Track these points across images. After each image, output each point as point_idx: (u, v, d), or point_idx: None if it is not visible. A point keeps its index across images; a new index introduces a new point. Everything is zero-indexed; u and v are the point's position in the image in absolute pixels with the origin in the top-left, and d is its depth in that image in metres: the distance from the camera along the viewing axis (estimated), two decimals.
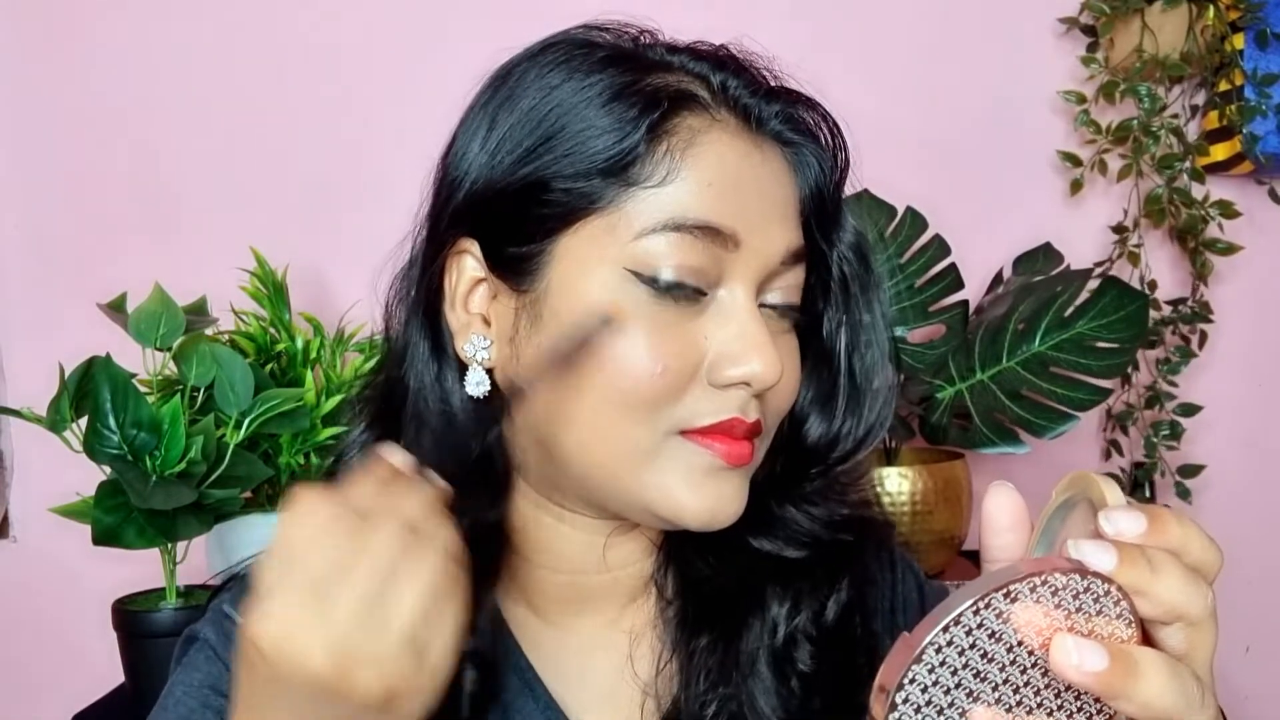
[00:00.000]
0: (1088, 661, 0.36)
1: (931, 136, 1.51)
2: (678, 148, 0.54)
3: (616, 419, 0.54)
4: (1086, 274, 1.35)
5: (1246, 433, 1.56)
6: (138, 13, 1.49)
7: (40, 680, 1.51)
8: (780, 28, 1.53)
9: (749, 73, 0.59)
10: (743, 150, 0.56)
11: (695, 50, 0.59)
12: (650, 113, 0.54)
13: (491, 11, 1.48)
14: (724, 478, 0.56)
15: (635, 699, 0.61)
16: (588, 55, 0.57)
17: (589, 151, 0.54)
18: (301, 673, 0.43)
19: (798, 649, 0.60)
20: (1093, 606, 0.38)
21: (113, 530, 1.01)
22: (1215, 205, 1.45)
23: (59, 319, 1.46)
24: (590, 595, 0.63)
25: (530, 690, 0.60)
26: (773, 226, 0.56)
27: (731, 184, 0.55)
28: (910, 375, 1.38)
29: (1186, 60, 1.43)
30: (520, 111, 0.56)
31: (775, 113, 0.58)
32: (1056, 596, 0.37)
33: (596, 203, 0.54)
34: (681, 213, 0.54)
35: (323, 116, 1.50)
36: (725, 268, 0.55)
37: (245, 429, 1.09)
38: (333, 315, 1.30)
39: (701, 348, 0.55)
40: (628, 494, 0.56)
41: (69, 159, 1.50)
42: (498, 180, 0.56)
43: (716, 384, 0.54)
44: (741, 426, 0.55)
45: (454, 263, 0.59)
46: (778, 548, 0.62)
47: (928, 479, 1.28)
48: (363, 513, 0.45)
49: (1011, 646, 0.38)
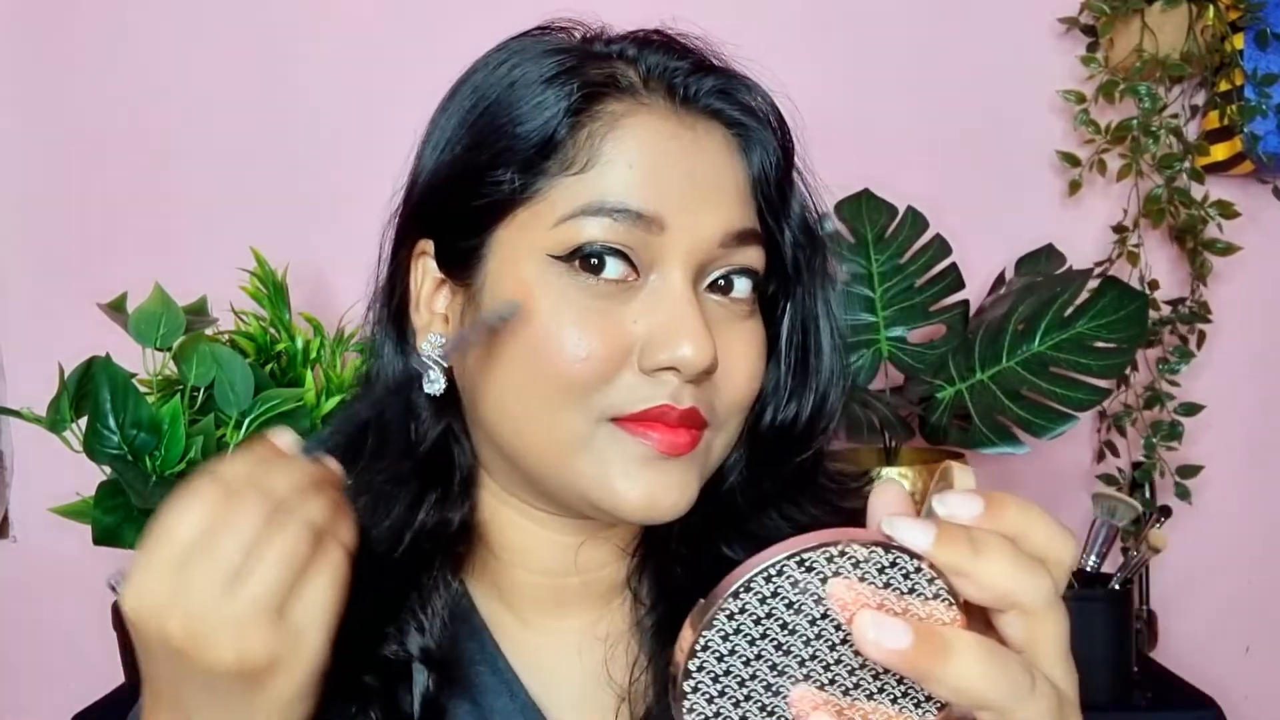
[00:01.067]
0: (887, 638, 0.35)
1: (932, 136, 1.51)
2: (599, 133, 0.54)
3: (546, 405, 0.54)
4: (1086, 274, 1.35)
5: (1246, 433, 1.56)
6: (138, 14, 1.49)
7: (40, 680, 1.51)
8: (780, 28, 1.53)
9: (679, 50, 0.58)
10: (670, 132, 0.55)
11: (631, 36, 0.59)
12: (570, 99, 0.54)
13: (492, 12, 1.48)
14: (662, 468, 0.54)
15: (611, 704, 0.61)
16: (529, 51, 0.57)
17: (516, 140, 0.55)
18: (159, 639, 0.44)
19: None
20: (903, 584, 0.36)
21: (113, 530, 1.01)
22: (1214, 205, 1.46)
23: (59, 319, 1.46)
24: (565, 598, 0.63)
25: (509, 689, 0.61)
26: (705, 208, 0.55)
27: (655, 166, 0.54)
28: (910, 375, 1.38)
29: (1186, 60, 1.43)
30: (462, 110, 0.58)
31: (708, 89, 0.57)
32: (859, 569, 0.36)
33: (524, 193, 0.55)
34: (600, 197, 0.53)
35: (323, 116, 1.50)
36: (654, 252, 0.54)
37: (245, 429, 1.09)
38: (333, 315, 1.30)
39: (630, 333, 0.54)
40: (564, 481, 0.55)
41: (69, 159, 1.50)
42: (440, 176, 0.58)
43: (646, 369, 0.53)
44: (673, 413, 0.53)
45: (417, 265, 0.60)
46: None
47: (928, 479, 1.28)
48: (231, 488, 0.45)
49: (815, 619, 0.36)
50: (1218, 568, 1.55)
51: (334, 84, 1.50)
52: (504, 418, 0.56)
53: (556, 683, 0.62)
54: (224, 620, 0.44)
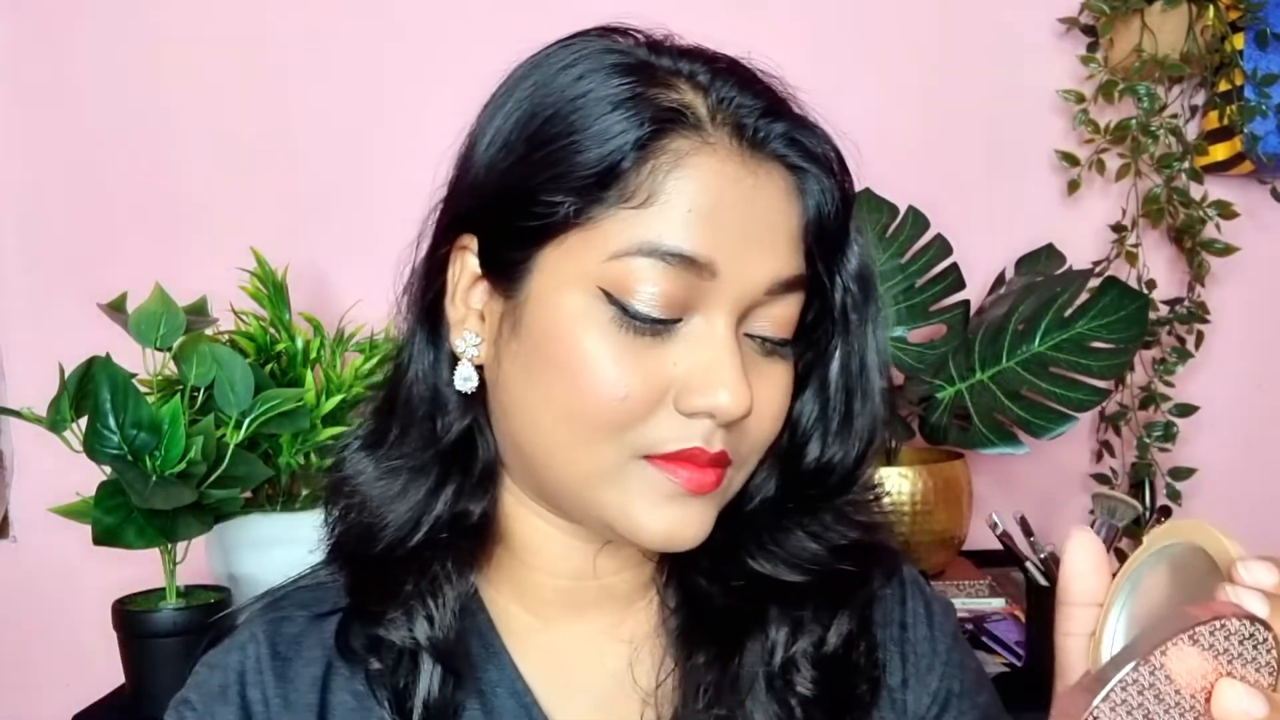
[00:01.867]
0: (1253, 708, 0.38)
1: (932, 136, 1.51)
2: (662, 168, 0.53)
3: (580, 437, 0.54)
4: (1087, 274, 1.35)
5: (1242, 434, 1.56)
6: (138, 14, 1.49)
7: (40, 680, 1.51)
8: (779, 28, 1.53)
9: (754, 89, 0.57)
10: (732, 175, 0.54)
11: (704, 59, 0.57)
12: (639, 130, 0.53)
13: (492, 14, 1.48)
14: (685, 503, 0.55)
15: (634, 708, 0.60)
16: (597, 61, 0.56)
17: (576, 164, 0.53)
18: None
19: (798, 673, 0.60)
20: (1244, 652, 0.39)
21: (113, 530, 1.01)
22: (1213, 205, 1.46)
23: (59, 319, 1.46)
24: (585, 601, 0.62)
25: (514, 691, 0.60)
26: (757, 255, 0.55)
27: (714, 211, 0.53)
28: (910, 375, 1.38)
29: (1186, 60, 1.43)
30: (521, 114, 0.56)
31: (777, 134, 0.56)
32: (1226, 641, 0.39)
33: (578, 218, 0.53)
34: (658, 238, 0.52)
35: (323, 117, 1.50)
36: (701, 295, 0.54)
37: (245, 429, 1.09)
38: (333, 315, 1.30)
39: (669, 374, 0.54)
40: (587, 507, 0.56)
41: (69, 159, 1.50)
42: (494, 183, 0.56)
43: (682, 411, 0.54)
44: (704, 456, 0.54)
45: (458, 257, 0.59)
46: (777, 570, 0.61)
47: (927, 479, 1.28)
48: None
49: (1179, 689, 0.39)
50: None
51: (334, 84, 1.50)
52: (535, 438, 0.56)
53: (578, 685, 0.62)
54: None
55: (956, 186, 1.49)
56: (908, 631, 0.66)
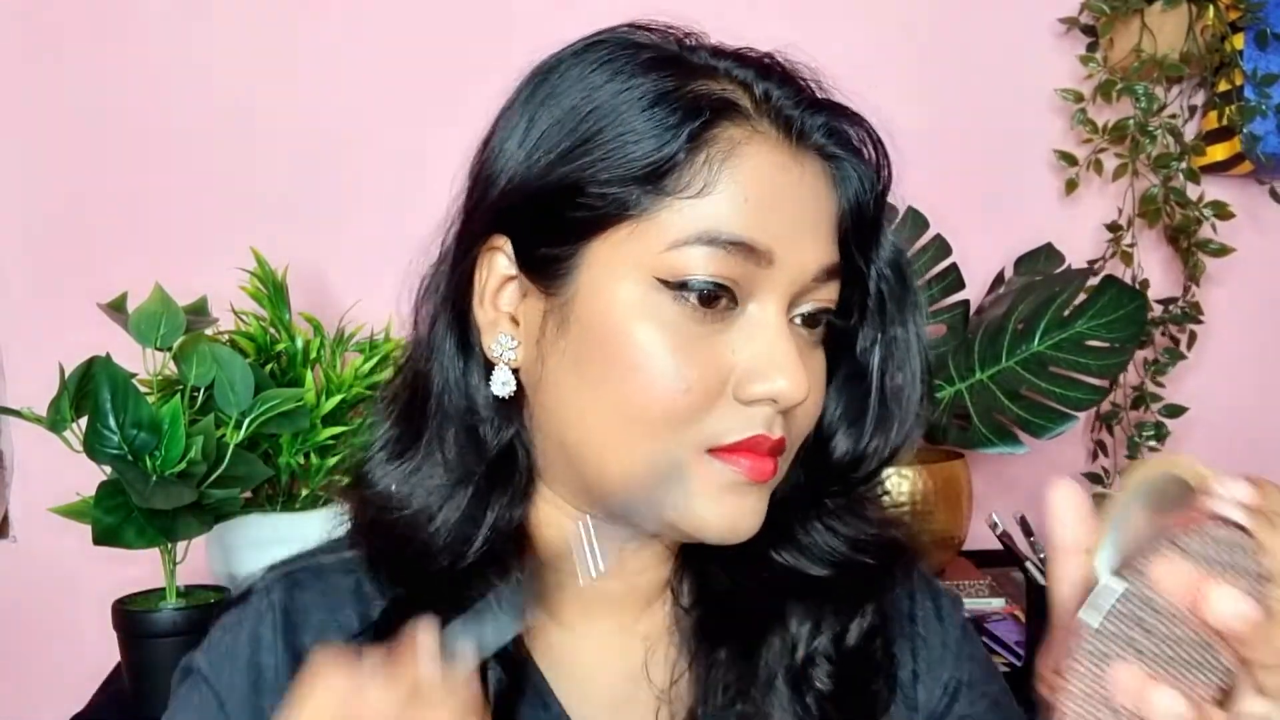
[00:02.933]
0: (1245, 609, 0.38)
1: (932, 136, 1.51)
2: (716, 158, 0.53)
3: (638, 435, 0.53)
4: (1086, 274, 1.35)
5: (1237, 434, 1.56)
6: (138, 14, 1.49)
7: (40, 680, 1.51)
8: (778, 27, 1.53)
9: (794, 83, 0.57)
10: (781, 163, 0.55)
11: (741, 56, 0.58)
12: (691, 121, 0.53)
13: (491, 15, 1.48)
14: (746, 492, 0.55)
15: (650, 705, 0.60)
16: (631, 57, 0.56)
17: (627, 157, 0.53)
18: None
19: (816, 668, 0.60)
20: (1230, 559, 0.40)
21: (113, 530, 1.01)
22: (1210, 206, 1.45)
23: (59, 319, 1.46)
24: (606, 600, 0.62)
25: (541, 699, 0.60)
26: (807, 242, 0.55)
27: (768, 198, 0.54)
28: None
29: (1186, 60, 1.43)
30: (560, 111, 0.55)
31: (818, 125, 0.56)
32: (1208, 548, 0.40)
33: (631, 209, 0.53)
34: (716, 226, 0.52)
35: (323, 117, 1.50)
36: (757, 283, 0.54)
37: (245, 429, 1.09)
38: (333, 315, 1.30)
39: (729, 362, 0.54)
40: (644, 506, 0.55)
41: (69, 159, 1.50)
42: (533, 180, 0.55)
43: (742, 400, 0.54)
44: (767, 443, 0.54)
45: (485, 259, 0.58)
46: (800, 563, 0.61)
47: (927, 479, 1.28)
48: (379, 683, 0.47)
49: (1172, 602, 0.40)
50: None
51: (335, 84, 1.50)
52: (587, 438, 0.55)
53: (594, 684, 0.61)
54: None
55: (956, 186, 1.49)
56: (917, 625, 0.66)
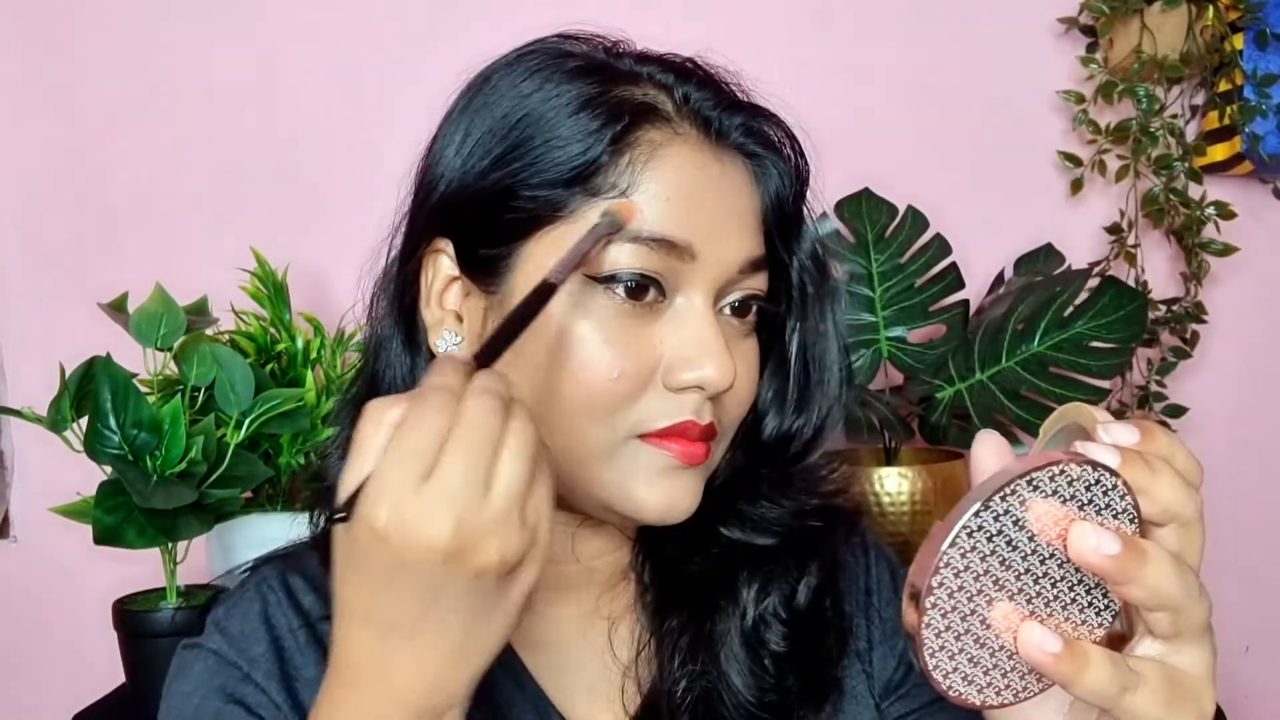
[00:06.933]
0: (1104, 545, 0.39)
1: (932, 136, 1.51)
2: (639, 160, 0.56)
3: (575, 421, 0.56)
4: (1086, 274, 1.35)
5: (1240, 434, 1.56)
6: (138, 13, 1.49)
7: (40, 680, 1.51)
8: (779, 28, 1.53)
9: (713, 85, 0.61)
10: (702, 162, 0.58)
11: (663, 61, 0.61)
12: (614, 125, 0.56)
13: (491, 16, 1.48)
14: (679, 475, 0.58)
15: (616, 682, 0.63)
16: (559, 65, 0.59)
17: (555, 161, 0.56)
18: (424, 546, 0.42)
19: (769, 630, 0.63)
20: (1101, 500, 0.40)
21: (113, 530, 1.01)
22: (1212, 205, 1.46)
23: (59, 319, 1.46)
24: (567, 584, 0.65)
25: (517, 680, 0.62)
26: (730, 237, 0.58)
27: (689, 196, 0.57)
28: (910, 375, 1.38)
29: (1185, 60, 1.43)
30: (493, 118, 0.59)
31: (737, 125, 0.60)
32: (1072, 487, 0.40)
33: (561, 211, 0.56)
34: (639, 225, 0.55)
35: (324, 116, 1.50)
36: (682, 276, 0.57)
37: (245, 429, 1.09)
38: (333, 315, 1.30)
39: (657, 352, 0.57)
40: (583, 487, 0.58)
41: (69, 159, 1.50)
42: (470, 185, 0.59)
43: (671, 387, 0.57)
44: (695, 429, 0.57)
45: (430, 260, 0.61)
46: (747, 536, 0.65)
47: (927, 479, 1.28)
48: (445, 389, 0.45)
49: (1032, 536, 0.40)
50: (1216, 567, 1.54)
51: (334, 84, 1.50)
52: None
53: (564, 664, 0.64)
54: (488, 519, 0.43)
55: (955, 186, 1.49)
56: (872, 597, 0.69)
